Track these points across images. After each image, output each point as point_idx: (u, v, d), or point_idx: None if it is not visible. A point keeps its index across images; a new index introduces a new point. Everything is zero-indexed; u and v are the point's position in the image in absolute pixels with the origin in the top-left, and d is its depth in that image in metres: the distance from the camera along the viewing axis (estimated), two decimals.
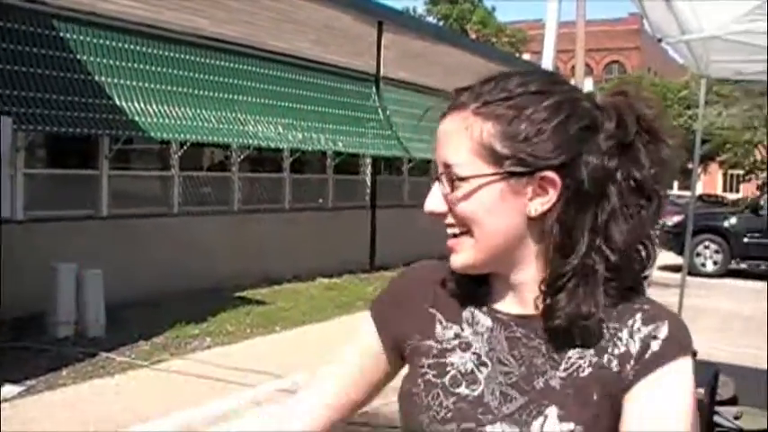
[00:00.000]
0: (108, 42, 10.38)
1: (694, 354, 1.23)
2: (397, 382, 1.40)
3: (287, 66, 13.09)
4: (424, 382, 1.31)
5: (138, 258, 10.58)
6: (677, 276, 7.60)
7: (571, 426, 1.19)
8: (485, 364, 1.30)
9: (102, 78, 10.23)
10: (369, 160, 15.80)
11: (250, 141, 12.25)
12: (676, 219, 16.50)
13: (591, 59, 50.74)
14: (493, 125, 1.23)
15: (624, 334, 1.24)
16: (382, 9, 16.17)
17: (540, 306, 1.26)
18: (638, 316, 1.24)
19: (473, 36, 38.85)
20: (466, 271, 1.30)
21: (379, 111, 15.44)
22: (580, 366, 1.24)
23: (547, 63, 4.21)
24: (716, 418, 3.79)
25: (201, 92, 11.66)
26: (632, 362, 1.21)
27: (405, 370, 1.40)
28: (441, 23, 39.54)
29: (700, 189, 38.12)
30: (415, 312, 1.39)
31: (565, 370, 1.24)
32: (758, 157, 33.47)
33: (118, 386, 7.10)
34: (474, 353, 1.31)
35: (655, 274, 1.32)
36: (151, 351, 8.22)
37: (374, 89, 15.48)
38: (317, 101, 13.67)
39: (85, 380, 7.17)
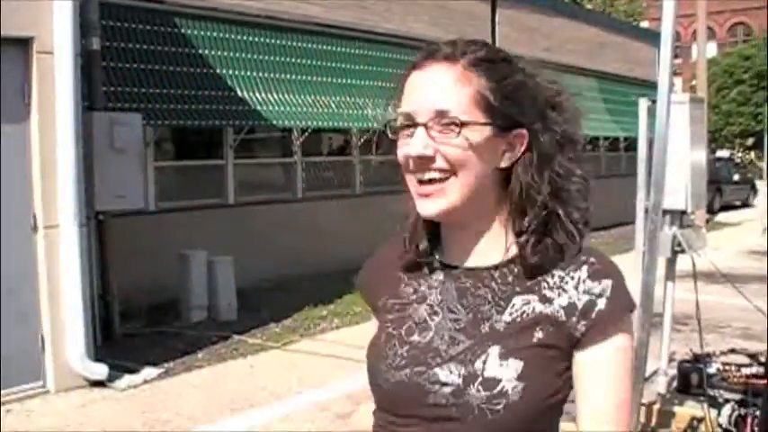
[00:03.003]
0: (227, 35, 10.66)
1: (632, 309, 1.38)
2: None
3: (401, 47, 13.05)
4: (385, 335, 1.47)
5: (265, 244, 10.85)
6: None
7: (510, 361, 1.32)
8: (436, 313, 1.43)
9: (224, 71, 10.53)
10: None
11: (369, 125, 12.36)
12: None
13: (713, 22, 48.68)
14: (486, 81, 1.37)
15: (570, 285, 1.36)
16: None
17: (509, 252, 1.40)
18: (585, 269, 1.36)
19: (589, 6, 37.95)
20: (440, 217, 1.41)
21: None
22: (524, 312, 1.36)
23: (667, 29, 4.11)
24: None
25: (319, 78, 11.85)
26: (578, 315, 1.34)
27: None
28: None
29: None
30: (385, 279, 1.55)
31: (510, 314, 1.37)
32: None
33: (252, 367, 7.34)
34: (428, 304, 1.45)
35: None
36: (281, 333, 8.48)
37: None
38: None
39: (220, 361, 7.47)
